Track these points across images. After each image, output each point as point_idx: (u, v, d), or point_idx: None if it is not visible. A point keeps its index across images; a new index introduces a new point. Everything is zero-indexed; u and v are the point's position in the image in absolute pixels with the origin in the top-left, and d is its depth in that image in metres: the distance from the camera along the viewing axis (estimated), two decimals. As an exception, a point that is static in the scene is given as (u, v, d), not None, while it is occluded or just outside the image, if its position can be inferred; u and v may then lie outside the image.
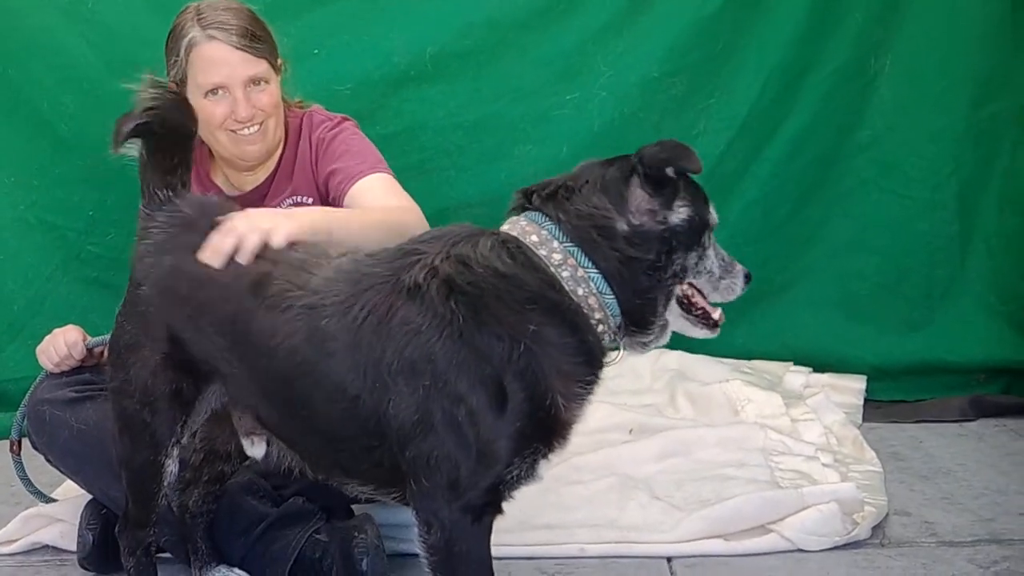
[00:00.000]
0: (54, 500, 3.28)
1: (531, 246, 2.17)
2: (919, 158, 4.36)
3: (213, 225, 2.41)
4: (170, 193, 2.52)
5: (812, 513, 3.05)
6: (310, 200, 3.21)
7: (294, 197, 3.22)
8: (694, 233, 2.25)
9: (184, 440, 2.51)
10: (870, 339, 4.45)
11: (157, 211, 2.51)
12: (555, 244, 2.18)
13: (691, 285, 2.30)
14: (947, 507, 3.33)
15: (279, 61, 3.19)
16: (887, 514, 3.24)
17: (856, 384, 4.38)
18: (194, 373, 2.43)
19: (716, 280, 2.34)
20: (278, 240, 2.38)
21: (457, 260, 2.16)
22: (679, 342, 4.42)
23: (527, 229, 2.20)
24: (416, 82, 4.33)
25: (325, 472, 2.44)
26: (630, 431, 3.81)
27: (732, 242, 4.46)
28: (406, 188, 3.13)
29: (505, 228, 2.23)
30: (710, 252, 2.31)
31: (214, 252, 2.36)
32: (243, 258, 2.34)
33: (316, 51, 4.25)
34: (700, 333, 2.39)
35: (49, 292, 4.36)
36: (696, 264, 2.28)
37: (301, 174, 3.23)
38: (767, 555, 3.01)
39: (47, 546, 3.18)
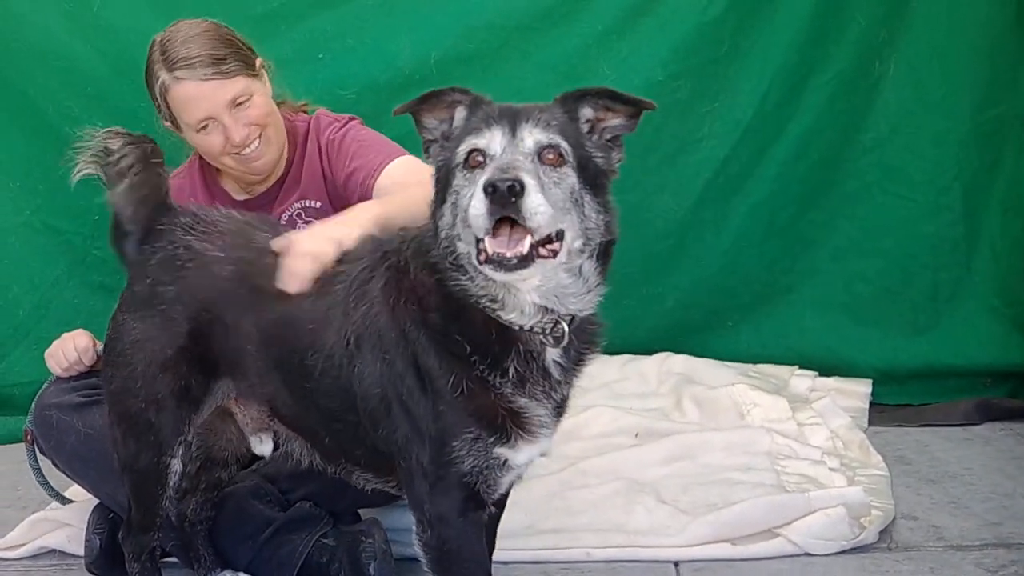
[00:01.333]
0: (71, 501, 3.27)
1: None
2: (923, 161, 4.35)
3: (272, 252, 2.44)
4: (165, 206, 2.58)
5: (819, 517, 3.05)
6: (318, 204, 3.21)
7: (302, 201, 3.22)
8: (442, 180, 2.12)
9: (190, 438, 2.53)
10: (875, 342, 4.44)
11: (176, 217, 2.56)
12: None
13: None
14: (954, 511, 3.32)
15: (258, 63, 3.16)
16: (894, 518, 3.24)
17: (862, 388, 4.37)
18: (207, 368, 2.46)
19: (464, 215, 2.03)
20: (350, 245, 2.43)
21: (405, 244, 2.25)
22: (684, 346, 4.54)
23: None
24: (421, 86, 4.16)
25: (331, 459, 2.48)
26: (636, 435, 3.81)
27: (738, 245, 4.52)
28: None
29: None
30: (464, 192, 2.04)
31: (295, 277, 2.36)
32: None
33: (321, 56, 4.26)
34: (497, 275, 2.01)
35: (54, 297, 4.38)
36: (452, 211, 2.08)
37: (309, 178, 3.23)
38: (774, 559, 3.01)
39: (54, 550, 3.20)
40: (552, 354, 2.17)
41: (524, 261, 1.96)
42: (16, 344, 4.34)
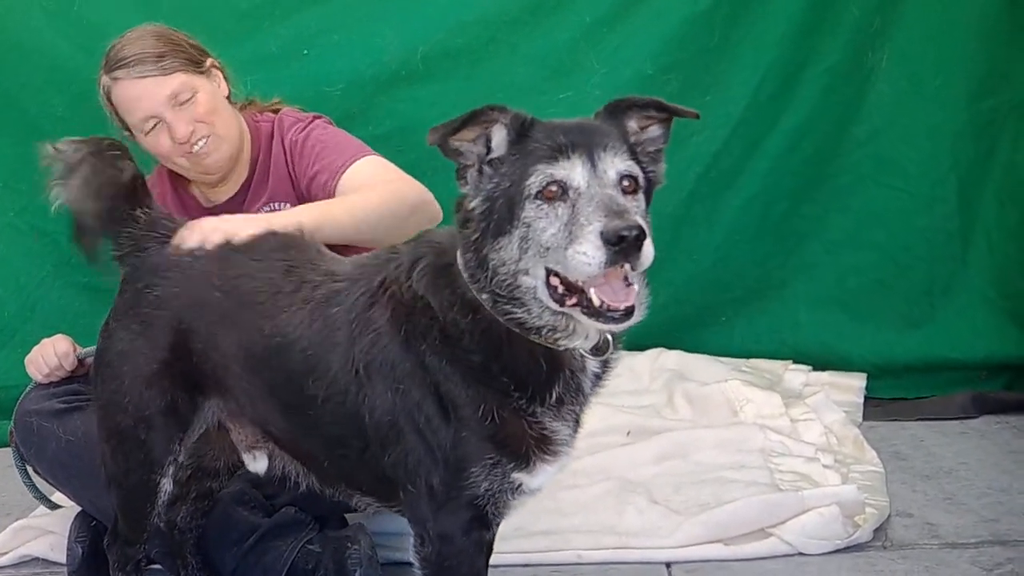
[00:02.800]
0: (59, 506, 3.23)
1: (461, 268, 2.10)
2: (918, 153, 4.31)
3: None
4: (148, 210, 2.55)
5: (813, 516, 3.02)
6: (287, 206, 3.14)
7: (271, 204, 3.17)
8: (503, 210, 1.98)
9: (181, 458, 2.48)
10: (870, 336, 4.41)
11: (152, 225, 2.51)
12: None
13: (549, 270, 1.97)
14: (949, 507, 3.29)
15: (208, 63, 3.11)
16: (889, 515, 3.21)
17: (856, 382, 4.33)
18: (192, 386, 2.41)
19: (562, 254, 1.92)
20: (242, 238, 2.43)
21: (404, 272, 2.18)
22: (678, 341, 4.50)
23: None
24: (408, 81, 4.28)
25: (331, 484, 2.43)
26: (627, 433, 3.77)
27: (731, 239, 4.48)
28: None
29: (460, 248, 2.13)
30: (540, 224, 1.95)
31: (178, 244, 2.44)
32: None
33: (306, 52, 4.21)
34: (598, 325, 1.98)
35: (40, 298, 4.33)
36: (521, 245, 1.97)
37: (277, 179, 3.18)
38: (767, 559, 2.98)
39: (37, 558, 3.16)
40: (592, 367, 2.14)
41: (630, 312, 1.93)
42: (1, 346, 4.29)
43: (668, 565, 2.98)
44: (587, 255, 1.85)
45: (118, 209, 2.51)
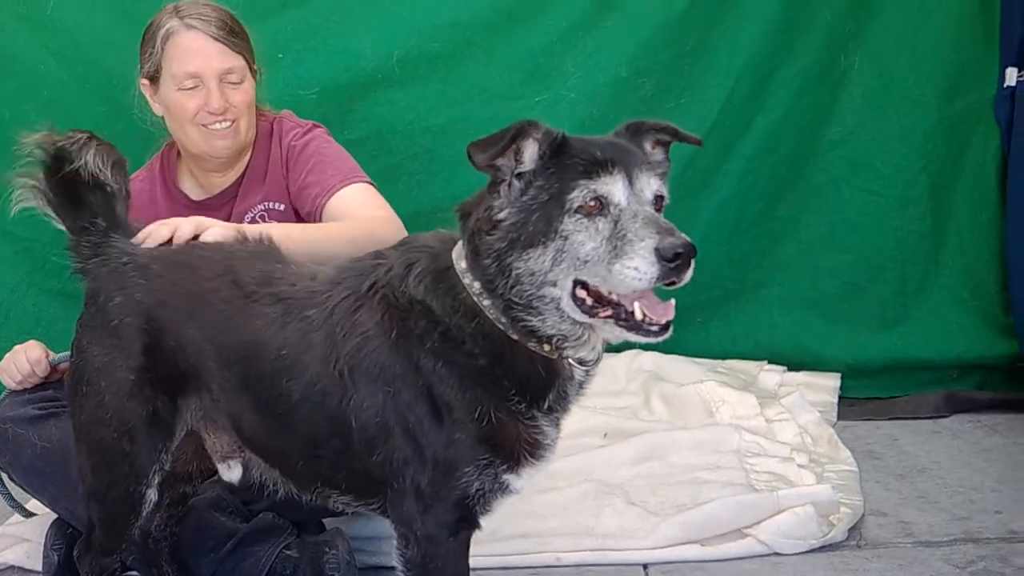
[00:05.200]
0: (33, 514, 3.20)
1: (460, 273, 2.13)
2: (890, 155, 4.36)
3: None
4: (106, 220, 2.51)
5: (788, 516, 3.04)
6: (281, 207, 3.18)
7: (265, 203, 3.19)
8: (540, 223, 2.00)
9: (166, 466, 2.46)
10: (844, 337, 4.44)
11: (115, 231, 2.49)
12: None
13: (577, 281, 2.01)
14: (923, 506, 3.32)
15: (255, 66, 3.18)
16: (863, 514, 3.24)
17: (830, 382, 4.37)
18: (171, 389, 2.39)
19: (604, 268, 1.96)
20: (213, 235, 2.47)
21: (397, 276, 2.19)
22: (653, 343, 4.49)
23: (460, 253, 2.15)
24: (383, 86, 4.28)
25: (308, 484, 2.42)
26: (604, 435, 3.78)
27: (706, 241, 4.49)
28: None
29: (456, 249, 2.17)
30: (579, 237, 1.98)
31: (150, 237, 2.46)
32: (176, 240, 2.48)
33: (281, 56, 4.17)
34: (633, 337, 2.03)
35: (14, 304, 4.28)
36: (555, 257, 2.00)
37: (273, 179, 3.20)
38: (743, 559, 3.00)
39: (13, 566, 3.13)
40: (578, 375, 2.18)
41: (668, 326, 2.01)
42: (-25, 353, 4.25)
43: (645, 566, 3.00)
44: (639, 270, 1.91)
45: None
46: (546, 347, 2.10)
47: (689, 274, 1.95)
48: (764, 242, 4.51)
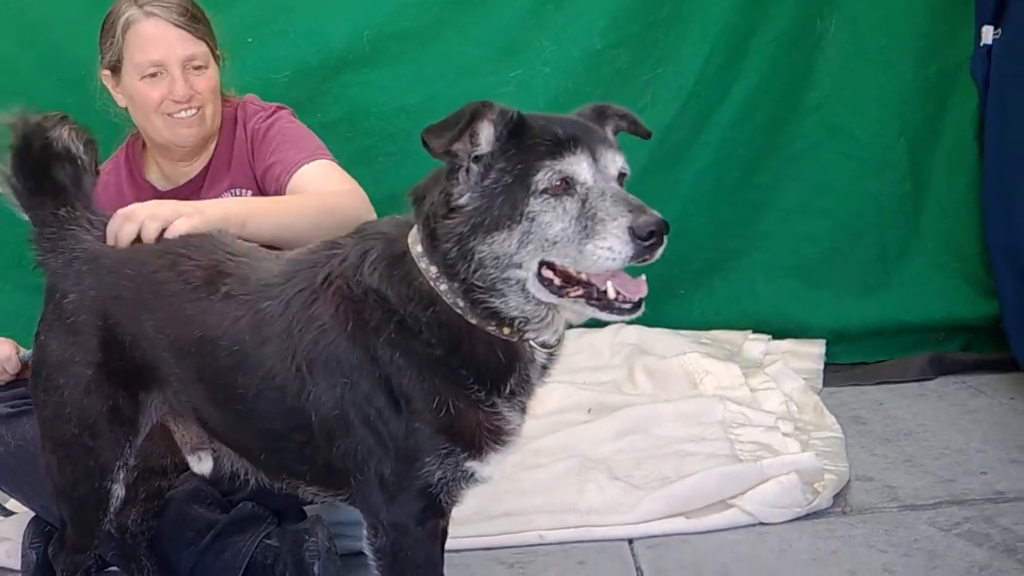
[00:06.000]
0: (12, 512, 3.18)
1: (416, 258, 2.08)
2: (867, 119, 4.32)
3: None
4: (71, 208, 2.45)
5: (772, 486, 3.03)
6: (248, 193, 3.12)
7: (233, 190, 3.14)
8: (504, 206, 1.95)
9: (131, 461, 2.43)
10: (827, 303, 4.43)
11: (73, 227, 2.44)
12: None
13: (543, 263, 1.96)
14: (909, 469, 3.32)
15: (219, 52, 3.13)
16: (848, 480, 3.24)
17: (815, 349, 4.35)
18: (131, 383, 2.36)
19: (575, 248, 1.92)
20: (178, 230, 2.38)
21: (351, 266, 2.15)
22: (637, 317, 4.47)
23: (416, 238, 2.10)
24: (355, 67, 4.23)
25: (274, 475, 2.40)
26: (588, 410, 3.76)
27: (685, 212, 4.46)
28: (352, 176, 3.04)
29: (411, 233, 2.12)
30: (546, 218, 1.94)
31: (115, 238, 2.38)
32: (145, 240, 2.38)
33: (250, 40, 4.13)
34: (605, 316, 1.98)
35: (-9, 300, 4.24)
36: (521, 239, 1.94)
37: (238, 166, 3.15)
38: (728, 531, 2.99)
39: (-6, 565, 3.10)
40: (540, 358, 2.13)
41: (640, 303, 1.96)
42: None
43: (630, 541, 2.98)
44: (612, 249, 1.87)
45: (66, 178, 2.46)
46: (506, 330, 2.05)
47: (661, 251, 1.90)
48: (744, 211, 4.48)
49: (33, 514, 2.93)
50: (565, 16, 4.26)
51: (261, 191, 3.10)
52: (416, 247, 2.08)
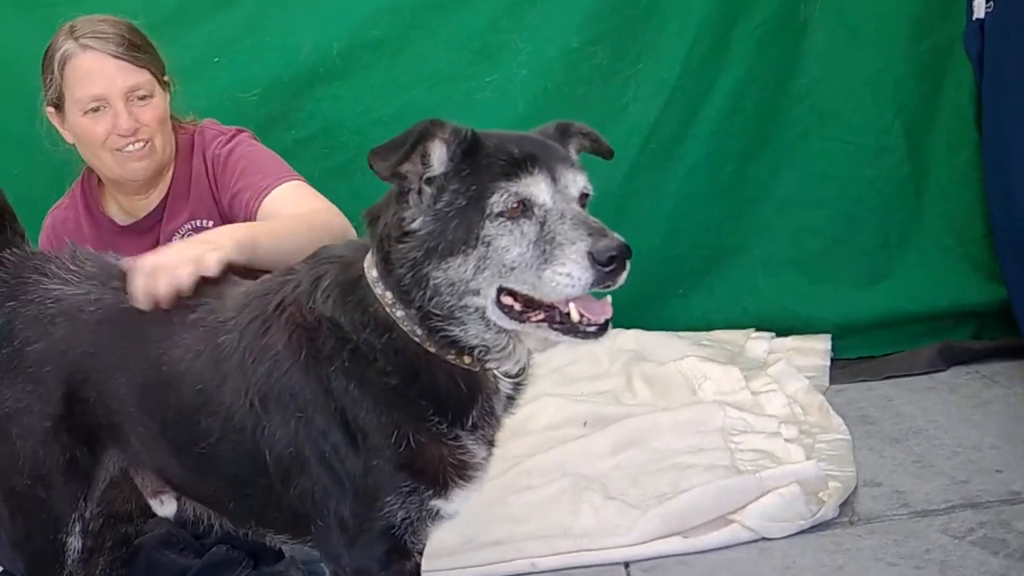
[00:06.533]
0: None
1: (372, 283, 1.97)
2: (860, 103, 4.16)
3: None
4: (18, 251, 2.36)
5: (773, 498, 2.89)
6: (210, 223, 3.00)
7: (193, 221, 3.02)
8: (459, 230, 1.84)
9: (87, 514, 2.33)
10: (830, 296, 4.26)
11: (31, 273, 2.33)
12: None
13: (502, 289, 1.86)
14: (919, 471, 3.16)
15: (165, 77, 3.01)
16: (856, 487, 3.08)
17: (820, 344, 4.19)
18: (90, 438, 2.26)
19: (533, 274, 1.82)
20: (210, 267, 2.23)
21: (304, 292, 2.04)
22: (635, 320, 4.34)
23: (371, 262, 1.99)
24: (327, 80, 4.10)
25: (242, 523, 2.30)
26: (584, 423, 3.61)
27: (679, 210, 4.33)
28: (328, 193, 2.95)
29: (367, 258, 2.01)
30: (502, 242, 1.83)
31: (148, 295, 2.20)
32: (184, 291, 2.21)
33: (216, 59, 4.03)
34: (569, 340, 1.87)
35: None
36: (477, 265, 1.84)
37: (198, 195, 3.03)
38: (728, 548, 2.86)
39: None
40: (505, 388, 2.03)
41: (607, 325, 1.85)
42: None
43: (626, 565, 2.85)
44: (571, 276, 1.77)
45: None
46: (467, 359, 1.94)
47: (623, 277, 1.79)
48: (739, 204, 4.33)
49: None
50: (539, 15, 4.11)
51: (226, 220, 2.97)
52: (372, 271, 1.97)
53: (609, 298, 1.87)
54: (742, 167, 4.31)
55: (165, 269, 2.20)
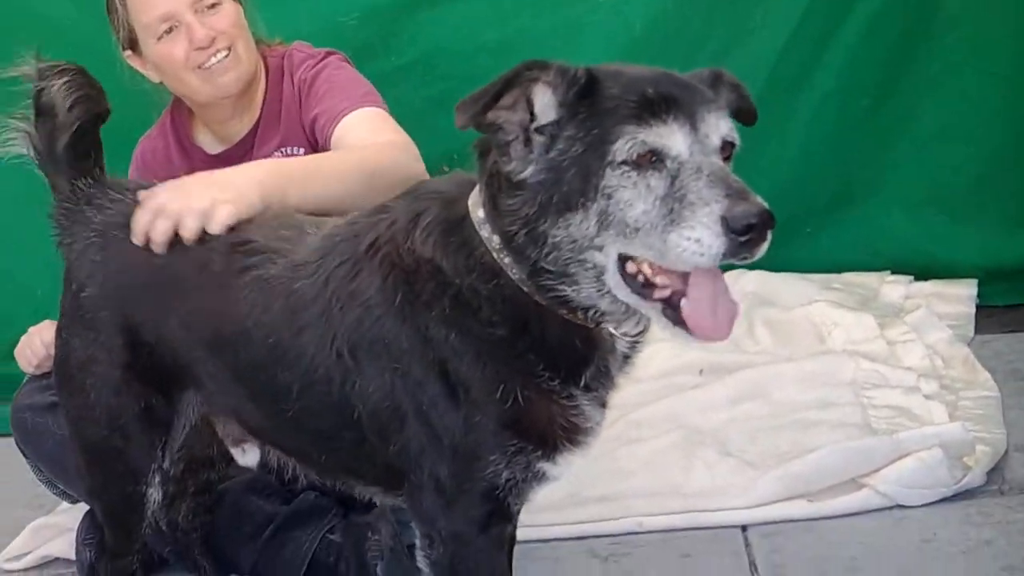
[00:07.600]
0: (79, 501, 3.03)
1: (477, 224, 1.78)
2: (1013, 31, 3.76)
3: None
4: (91, 181, 2.24)
5: (911, 462, 2.68)
6: (301, 151, 2.90)
7: (283, 148, 2.92)
8: (575, 180, 1.65)
9: (167, 464, 2.26)
10: (975, 238, 3.94)
11: (86, 205, 2.23)
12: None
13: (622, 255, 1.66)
14: (1080, 434, 2.87)
15: None
16: (1006, 451, 2.84)
17: (965, 290, 3.87)
18: (164, 383, 2.18)
19: (658, 237, 1.60)
20: (217, 226, 2.09)
21: (401, 231, 1.87)
22: (760, 260, 4.04)
23: (478, 200, 1.79)
24: (430, 3, 3.91)
25: (330, 476, 2.20)
26: (700, 372, 3.43)
27: (809, 144, 4.03)
28: (427, 124, 2.81)
29: (473, 195, 1.81)
30: (625, 195, 1.62)
31: (146, 235, 2.11)
32: (186, 241, 2.10)
33: (316, -17, 3.86)
34: (670, 334, 1.70)
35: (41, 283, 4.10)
36: (600, 221, 1.64)
37: (288, 121, 2.92)
38: (859, 515, 2.66)
39: (58, 558, 2.98)
40: (621, 347, 1.86)
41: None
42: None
43: (743, 528, 2.67)
44: (700, 242, 1.56)
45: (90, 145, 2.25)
46: (580, 315, 1.75)
47: (763, 249, 1.57)
48: (875, 139, 4.01)
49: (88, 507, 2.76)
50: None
51: (314, 147, 2.84)
52: (478, 211, 1.78)
53: (739, 304, 1.66)
54: (880, 99, 3.97)
55: (168, 216, 2.09)
